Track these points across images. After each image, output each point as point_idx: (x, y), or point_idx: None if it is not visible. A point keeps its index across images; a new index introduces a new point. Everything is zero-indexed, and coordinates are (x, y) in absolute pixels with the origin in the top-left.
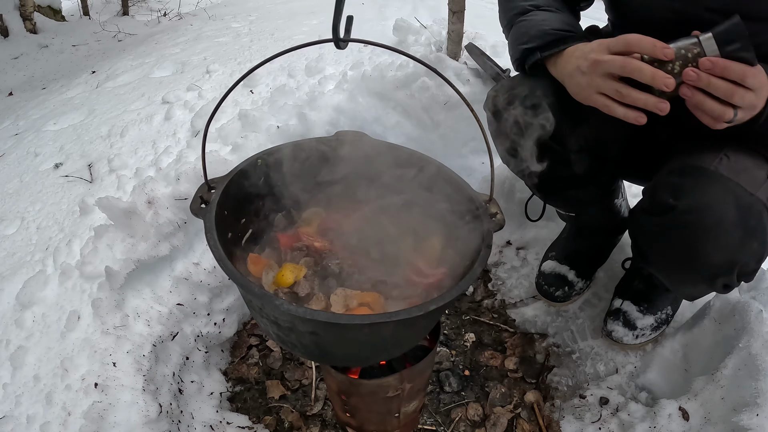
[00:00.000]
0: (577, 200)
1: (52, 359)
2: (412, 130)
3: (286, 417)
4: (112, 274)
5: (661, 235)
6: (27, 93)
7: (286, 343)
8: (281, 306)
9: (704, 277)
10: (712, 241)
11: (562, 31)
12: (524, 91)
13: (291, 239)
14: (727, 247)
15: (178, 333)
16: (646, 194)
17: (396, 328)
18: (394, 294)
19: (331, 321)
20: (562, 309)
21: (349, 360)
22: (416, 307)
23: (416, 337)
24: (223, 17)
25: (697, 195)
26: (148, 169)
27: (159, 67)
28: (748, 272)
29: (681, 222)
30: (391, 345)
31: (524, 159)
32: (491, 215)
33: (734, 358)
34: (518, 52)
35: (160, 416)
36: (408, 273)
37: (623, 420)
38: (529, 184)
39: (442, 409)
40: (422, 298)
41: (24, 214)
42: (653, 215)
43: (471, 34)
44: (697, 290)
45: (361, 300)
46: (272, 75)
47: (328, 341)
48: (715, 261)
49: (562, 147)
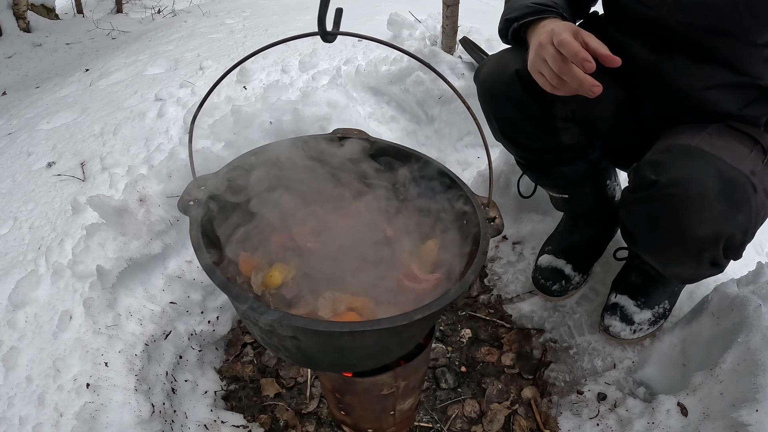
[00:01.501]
0: (568, 178)
1: (45, 360)
2: (407, 124)
3: (281, 415)
4: (104, 273)
5: (645, 211)
6: (20, 92)
7: (271, 347)
8: (257, 309)
9: (690, 251)
10: (695, 213)
11: (541, 5)
12: (508, 58)
13: (283, 239)
14: (711, 219)
15: (171, 332)
16: (630, 174)
17: (380, 336)
18: (385, 299)
19: (309, 327)
20: (559, 304)
21: (334, 366)
22: (400, 315)
23: (405, 345)
24: (217, 14)
25: (678, 169)
26: (141, 167)
27: (152, 65)
28: (735, 246)
29: (663, 195)
30: (377, 352)
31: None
32: (489, 219)
33: (733, 353)
34: (501, 23)
35: (152, 416)
36: (401, 278)
37: (621, 416)
38: (520, 161)
39: (439, 406)
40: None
41: (17, 213)
42: (637, 192)
43: (465, 28)
44: (685, 269)
45: (349, 304)
46: (265, 71)
47: (310, 347)
48: (699, 234)
49: (549, 113)
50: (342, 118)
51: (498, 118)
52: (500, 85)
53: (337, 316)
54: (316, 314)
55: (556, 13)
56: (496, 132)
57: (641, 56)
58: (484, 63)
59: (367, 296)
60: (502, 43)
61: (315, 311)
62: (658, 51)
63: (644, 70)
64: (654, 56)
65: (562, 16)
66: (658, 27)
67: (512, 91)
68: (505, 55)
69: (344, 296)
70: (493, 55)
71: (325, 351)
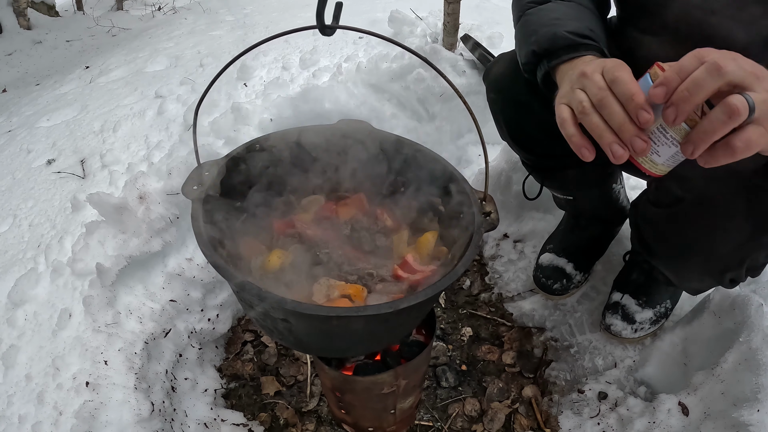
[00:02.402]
0: (574, 181)
1: (44, 358)
2: (407, 121)
3: (281, 414)
4: (104, 271)
5: (670, 229)
6: (20, 89)
7: (265, 328)
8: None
9: (713, 271)
10: (722, 234)
11: (577, 35)
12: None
13: (285, 225)
14: (738, 241)
15: (171, 330)
16: (652, 185)
17: (367, 322)
18: (379, 288)
19: (297, 310)
20: (560, 302)
21: (325, 350)
22: (386, 304)
23: (395, 333)
24: (217, 11)
25: (705, 187)
26: (141, 164)
27: (152, 62)
28: (757, 267)
29: (691, 214)
30: (367, 339)
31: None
32: (485, 214)
33: (734, 353)
34: (526, 54)
35: (152, 414)
36: (396, 268)
37: (622, 415)
38: (526, 163)
39: (439, 404)
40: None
41: (16, 211)
42: (660, 207)
43: (467, 26)
44: (703, 285)
45: (343, 291)
46: (266, 68)
47: (300, 330)
48: (725, 255)
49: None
50: (343, 115)
51: (506, 120)
52: (511, 86)
53: (330, 301)
54: (310, 299)
55: (595, 48)
56: (504, 133)
57: (660, 55)
58: (494, 62)
59: (361, 284)
60: (503, 41)
61: (310, 296)
62: (675, 49)
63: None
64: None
65: (602, 53)
66: (677, 23)
67: (522, 94)
68: (516, 56)
69: (339, 283)
70: (503, 54)
71: (314, 334)
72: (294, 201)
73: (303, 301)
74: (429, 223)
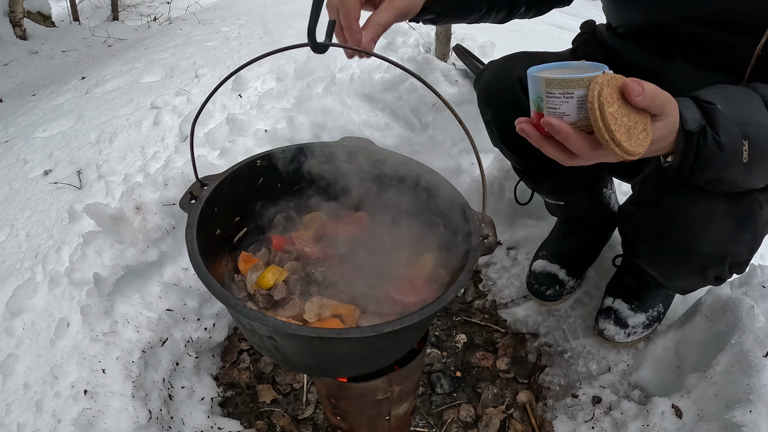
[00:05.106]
0: (565, 186)
1: (42, 367)
2: (400, 131)
3: (278, 421)
4: (101, 281)
5: (651, 228)
6: (16, 100)
7: (254, 344)
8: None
9: (696, 268)
10: (702, 231)
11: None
12: (510, 65)
13: (283, 242)
14: (718, 238)
15: (168, 339)
16: (635, 187)
17: (351, 345)
18: (371, 309)
19: (279, 329)
20: (553, 308)
21: (310, 369)
22: (369, 327)
23: (383, 357)
24: (212, 21)
25: (685, 186)
26: (137, 175)
27: (148, 72)
28: (740, 263)
29: (670, 213)
30: (354, 361)
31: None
32: (483, 237)
33: (726, 355)
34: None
35: (149, 422)
36: (390, 289)
37: (616, 418)
38: (517, 168)
39: (434, 410)
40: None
41: (13, 221)
42: (642, 207)
43: (459, 35)
44: (689, 283)
45: (334, 311)
46: (260, 79)
47: (286, 348)
48: (706, 252)
49: None
50: (337, 127)
51: (497, 125)
52: (501, 91)
53: (320, 321)
54: (301, 317)
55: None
56: (495, 138)
57: (642, 62)
58: (485, 69)
59: (354, 304)
60: (495, 50)
61: (301, 314)
62: (659, 56)
63: (645, 75)
64: (655, 61)
65: None
66: (659, 30)
67: (513, 98)
68: (506, 62)
69: (331, 302)
70: (493, 61)
71: (299, 353)
72: (296, 217)
73: (294, 318)
74: (428, 244)
